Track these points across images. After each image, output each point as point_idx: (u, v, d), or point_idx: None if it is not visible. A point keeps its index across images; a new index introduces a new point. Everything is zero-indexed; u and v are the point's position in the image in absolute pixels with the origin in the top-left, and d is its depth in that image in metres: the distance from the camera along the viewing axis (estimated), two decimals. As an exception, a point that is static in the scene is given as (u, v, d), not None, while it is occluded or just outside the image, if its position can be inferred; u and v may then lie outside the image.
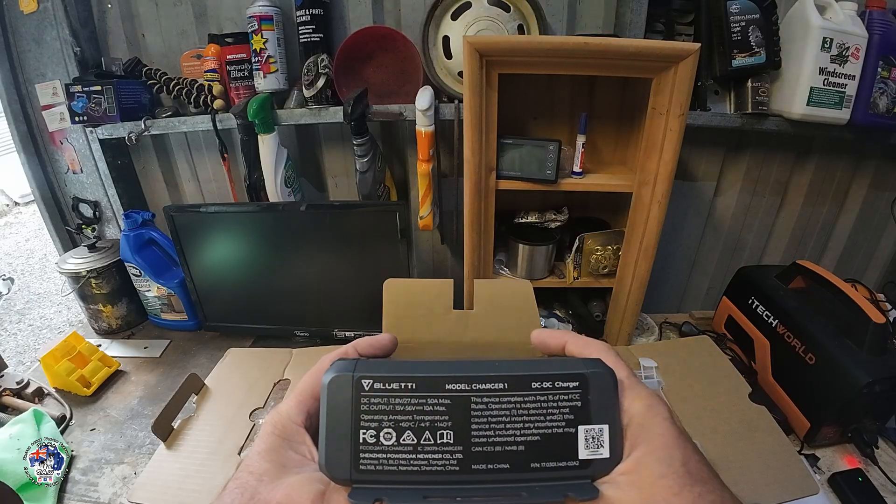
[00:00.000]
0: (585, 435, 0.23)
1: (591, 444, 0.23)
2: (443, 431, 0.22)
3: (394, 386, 0.23)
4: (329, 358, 0.28)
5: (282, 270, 0.96)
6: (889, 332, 0.71)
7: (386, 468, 0.22)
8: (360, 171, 0.92)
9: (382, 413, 0.23)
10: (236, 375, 0.85)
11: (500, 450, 0.22)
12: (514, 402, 0.23)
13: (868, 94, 0.83)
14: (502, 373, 0.23)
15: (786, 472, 0.65)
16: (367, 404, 0.23)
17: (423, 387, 0.23)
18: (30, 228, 3.69)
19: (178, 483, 0.65)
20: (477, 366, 0.24)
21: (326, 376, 0.24)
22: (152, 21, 0.98)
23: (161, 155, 1.11)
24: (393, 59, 0.92)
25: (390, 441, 0.22)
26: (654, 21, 0.87)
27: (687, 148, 0.98)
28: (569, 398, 0.23)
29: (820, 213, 1.09)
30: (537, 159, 0.82)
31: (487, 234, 0.87)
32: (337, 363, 0.24)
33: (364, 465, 0.22)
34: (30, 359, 2.11)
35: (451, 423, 0.22)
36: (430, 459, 0.22)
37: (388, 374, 0.23)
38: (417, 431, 0.22)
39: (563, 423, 0.23)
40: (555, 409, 0.23)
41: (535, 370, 0.23)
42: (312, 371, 0.28)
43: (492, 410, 0.23)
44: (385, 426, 0.22)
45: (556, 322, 0.98)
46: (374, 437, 0.22)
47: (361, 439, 0.22)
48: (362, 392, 0.23)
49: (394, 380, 0.23)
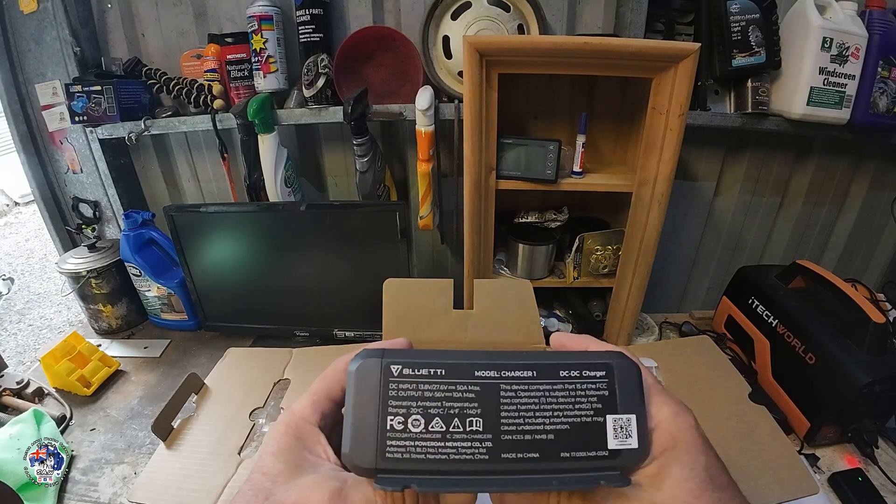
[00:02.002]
0: (614, 424, 0.22)
1: (620, 434, 0.22)
2: (472, 419, 0.22)
3: (423, 372, 0.22)
4: (344, 360, 0.28)
5: (282, 270, 0.96)
6: (889, 332, 0.71)
7: (413, 456, 0.21)
8: (360, 170, 0.92)
9: (411, 399, 0.22)
10: (236, 375, 0.85)
11: (529, 438, 0.22)
12: (542, 389, 0.23)
13: (868, 93, 0.83)
14: (531, 361, 0.23)
15: (786, 471, 0.65)
16: (395, 390, 0.22)
17: (452, 373, 0.22)
18: (30, 228, 3.69)
19: (178, 483, 0.65)
20: (504, 355, 0.23)
21: (353, 364, 0.23)
22: (152, 21, 0.98)
23: (161, 155, 1.11)
24: (393, 59, 0.92)
25: (419, 428, 0.22)
26: (654, 21, 0.87)
27: (687, 148, 0.98)
28: (596, 387, 0.23)
29: (820, 213, 1.09)
30: (537, 159, 0.82)
31: (487, 234, 0.87)
32: (362, 352, 0.24)
33: (391, 453, 0.21)
34: (30, 359, 2.11)
35: (481, 410, 0.22)
36: (459, 448, 0.22)
37: (417, 360, 0.23)
38: (446, 418, 0.22)
39: (591, 412, 0.23)
40: (583, 398, 0.23)
41: (561, 359, 0.23)
42: (328, 372, 0.28)
43: (521, 398, 0.22)
44: (413, 413, 0.22)
45: (556, 322, 0.98)
46: (402, 424, 0.22)
47: (389, 426, 0.22)
48: (391, 378, 0.22)
49: (423, 366, 0.22)
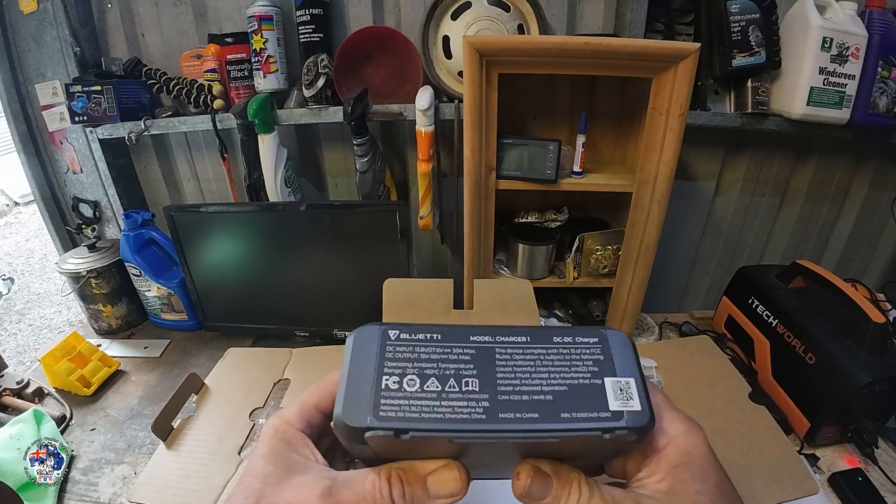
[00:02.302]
0: (612, 386, 0.23)
1: (621, 396, 0.22)
2: (468, 379, 0.22)
3: (419, 336, 0.23)
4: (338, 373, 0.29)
5: (282, 270, 0.96)
6: (889, 332, 0.70)
7: (408, 415, 0.21)
8: (360, 170, 0.92)
9: (407, 361, 0.23)
10: (236, 375, 0.85)
11: (527, 399, 0.22)
12: (537, 353, 0.23)
13: (868, 93, 0.83)
14: (525, 329, 0.24)
15: (786, 471, 0.65)
16: (391, 352, 0.23)
17: (448, 337, 0.23)
18: (30, 228, 3.70)
19: (178, 483, 0.65)
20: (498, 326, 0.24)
21: (352, 333, 0.24)
22: (152, 21, 0.98)
23: (161, 155, 1.11)
24: (393, 59, 0.92)
25: (413, 387, 0.22)
26: (654, 21, 0.87)
27: (687, 148, 0.98)
28: (590, 352, 0.24)
29: (820, 213, 1.09)
30: (537, 159, 0.82)
31: (487, 234, 0.87)
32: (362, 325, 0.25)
33: (384, 412, 0.21)
34: (30, 359, 2.11)
35: (477, 371, 0.23)
36: (455, 407, 0.22)
37: (415, 326, 0.24)
38: (442, 379, 0.22)
39: (588, 374, 0.23)
40: (578, 362, 0.23)
41: (554, 329, 0.25)
42: (320, 383, 0.29)
43: (516, 361, 0.23)
44: (409, 373, 0.22)
45: (556, 322, 0.98)
46: (397, 384, 0.22)
47: (383, 385, 0.22)
48: (388, 341, 0.23)
49: (420, 331, 0.23)
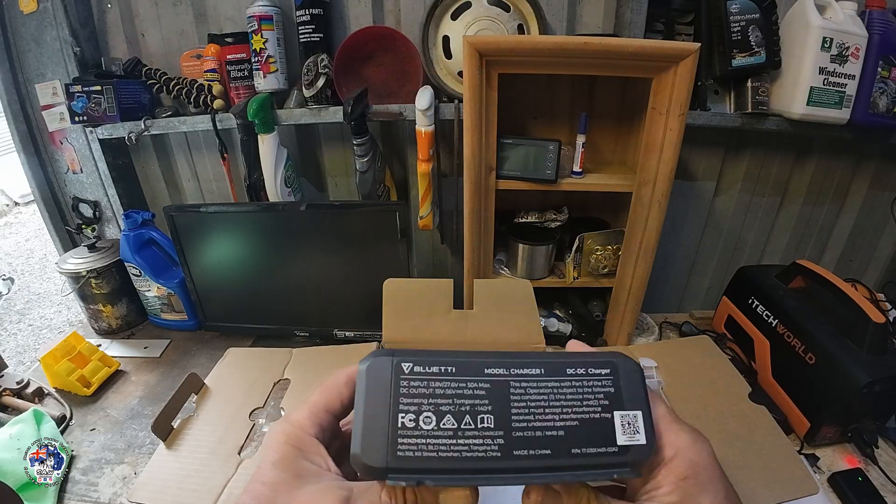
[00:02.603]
0: (621, 420, 0.23)
1: (628, 430, 0.23)
2: (483, 416, 0.22)
3: (433, 369, 0.22)
4: (345, 373, 0.28)
5: (282, 270, 0.96)
6: (889, 332, 0.71)
7: (425, 454, 0.21)
8: (360, 170, 0.92)
9: (422, 397, 0.22)
10: (236, 375, 0.85)
11: (540, 435, 0.22)
12: (551, 386, 0.23)
13: (868, 93, 0.83)
14: (538, 359, 0.23)
15: (786, 471, 0.65)
16: (406, 388, 0.22)
17: (463, 370, 0.23)
18: (30, 228, 3.69)
19: (178, 483, 0.65)
20: (511, 354, 0.24)
21: (363, 363, 0.23)
22: (152, 21, 0.98)
23: (161, 155, 1.11)
24: (393, 59, 0.92)
25: (430, 425, 0.21)
26: (654, 21, 0.87)
27: (687, 148, 0.98)
28: (602, 384, 0.24)
29: (820, 213, 1.09)
30: (537, 159, 0.82)
31: (487, 234, 0.87)
32: (371, 353, 0.24)
33: (402, 452, 0.21)
34: (30, 359, 2.11)
35: (492, 407, 0.22)
36: (471, 445, 0.21)
37: (428, 358, 0.23)
38: (458, 416, 0.22)
39: (599, 408, 0.23)
40: (590, 395, 0.23)
41: (567, 358, 0.24)
42: (327, 384, 0.28)
43: (531, 395, 0.23)
44: (425, 410, 0.22)
45: (556, 322, 0.98)
46: (414, 422, 0.21)
47: (400, 424, 0.21)
48: (401, 375, 0.22)
49: (434, 363, 0.22)
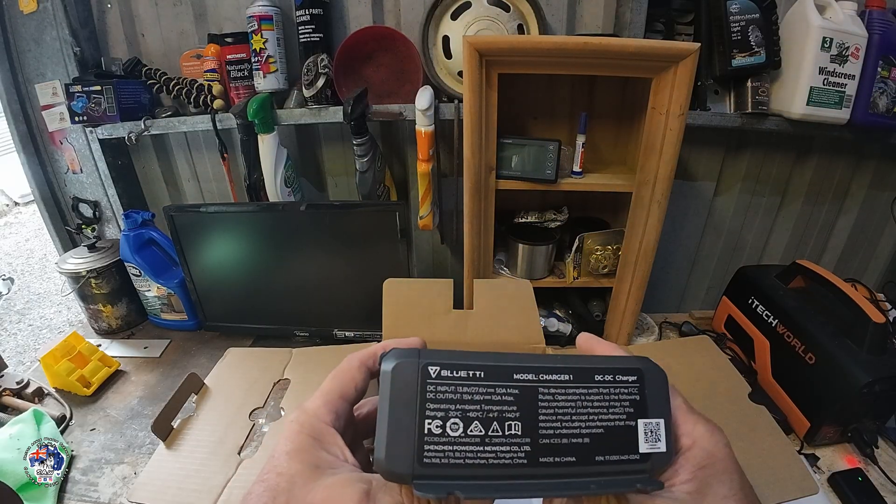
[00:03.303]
0: (644, 428, 0.23)
1: (650, 438, 0.23)
2: (511, 423, 0.21)
3: (461, 374, 0.21)
4: (358, 358, 0.27)
5: (282, 270, 0.96)
6: (889, 332, 0.71)
7: (452, 461, 0.20)
8: (359, 170, 0.92)
9: (449, 402, 0.21)
10: (236, 375, 0.85)
11: (566, 442, 0.22)
12: (578, 393, 0.23)
13: (868, 93, 0.83)
14: (567, 364, 0.23)
15: (785, 471, 0.64)
16: (433, 393, 0.21)
17: (491, 375, 0.22)
18: (30, 228, 3.69)
19: (178, 483, 0.65)
20: (538, 358, 0.23)
21: (388, 363, 0.22)
22: (152, 21, 0.98)
23: (161, 155, 1.11)
24: (393, 59, 0.92)
25: (457, 432, 0.21)
26: (653, 21, 0.87)
27: (687, 148, 0.98)
28: (628, 391, 0.23)
29: (820, 213, 1.09)
30: (537, 159, 0.82)
31: (487, 234, 0.87)
32: (395, 351, 0.22)
33: (429, 458, 0.20)
34: (30, 359, 2.11)
35: (519, 414, 0.22)
36: (498, 452, 0.21)
37: (455, 361, 0.22)
38: (485, 422, 0.21)
39: (623, 416, 0.23)
40: (616, 402, 0.23)
41: (594, 363, 0.24)
42: (340, 370, 0.27)
43: (558, 402, 0.22)
44: (452, 416, 0.21)
45: (556, 322, 0.98)
46: (441, 428, 0.21)
47: (426, 430, 0.21)
48: (428, 380, 0.21)
49: (461, 367, 0.22)
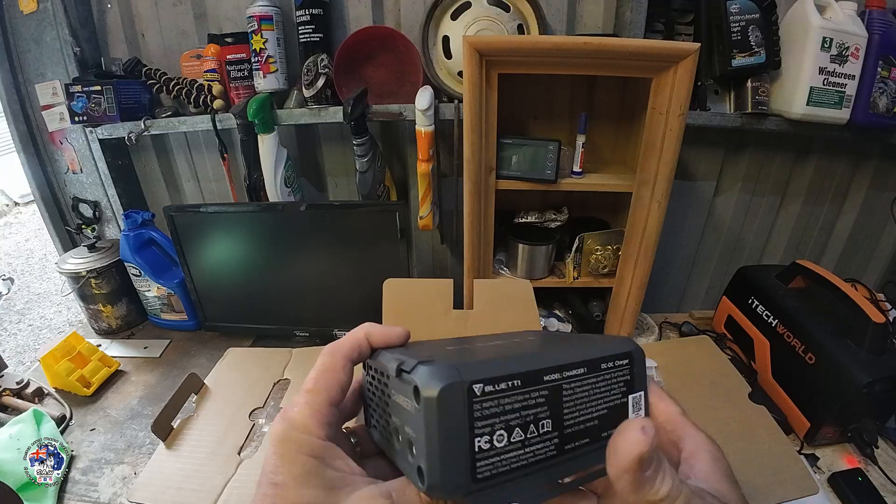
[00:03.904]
0: (632, 402, 0.26)
1: (636, 408, 0.26)
2: (543, 421, 0.23)
3: (501, 386, 0.22)
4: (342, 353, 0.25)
5: (282, 270, 0.96)
6: (889, 332, 0.71)
7: (500, 470, 0.21)
8: (359, 170, 0.92)
9: (494, 416, 0.21)
10: (236, 375, 0.85)
11: (583, 427, 0.24)
12: (590, 382, 0.25)
13: (868, 93, 0.83)
14: (579, 358, 0.25)
15: (786, 471, 0.65)
16: (479, 411, 0.21)
17: (526, 382, 0.23)
18: (30, 228, 3.69)
19: (178, 483, 0.65)
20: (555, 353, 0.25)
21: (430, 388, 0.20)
22: (152, 21, 0.98)
23: (161, 155, 1.11)
24: (393, 59, 0.92)
25: (502, 443, 0.21)
26: (653, 21, 0.87)
27: (687, 148, 0.98)
28: (623, 373, 0.26)
29: (820, 213, 1.09)
30: (537, 159, 0.82)
31: (487, 234, 0.87)
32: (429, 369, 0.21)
33: (480, 474, 0.21)
34: (30, 359, 2.11)
35: (549, 412, 0.23)
36: (535, 451, 0.22)
37: (496, 374, 0.22)
38: (524, 427, 0.22)
39: (619, 395, 0.26)
40: (615, 384, 0.26)
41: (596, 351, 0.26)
42: (323, 372, 0.25)
43: (577, 394, 0.24)
44: (497, 429, 0.21)
45: (556, 322, 0.98)
46: (489, 443, 0.21)
47: (477, 447, 0.21)
48: (474, 399, 0.21)
49: (501, 379, 0.22)
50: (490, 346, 0.30)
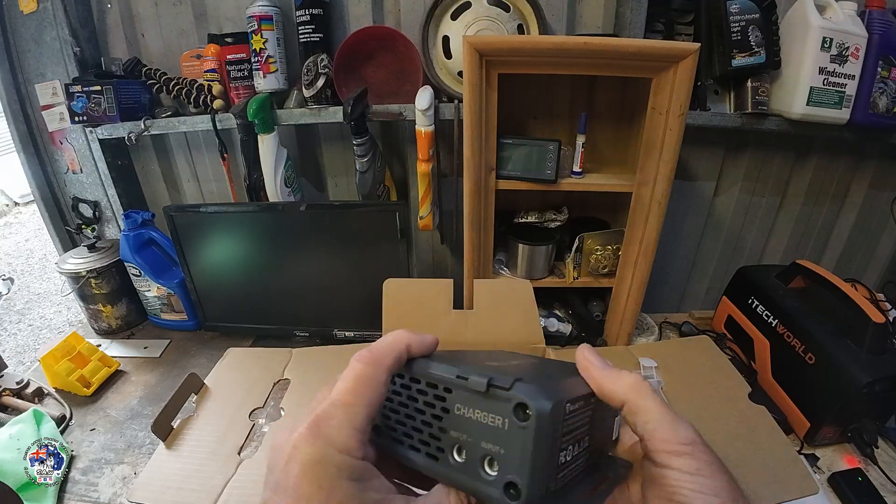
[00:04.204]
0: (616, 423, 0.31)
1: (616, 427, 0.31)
2: (586, 437, 0.25)
3: (577, 405, 0.24)
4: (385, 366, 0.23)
5: (282, 270, 0.96)
6: (889, 332, 0.71)
7: (566, 481, 0.23)
8: (359, 170, 0.92)
9: (571, 432, 0.23)
10: (236, 375, 0.85)
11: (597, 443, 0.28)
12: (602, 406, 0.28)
13: (868, 93, 0.83)
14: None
15: (785, 471, 0.64)
16: (566, 427, 0.23)
17: (587, 404, 0.26)
18: (30, 228, 3.69)
19: (178, 483, 0.65)
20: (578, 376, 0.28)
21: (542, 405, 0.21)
22: (152, 21, 0.98)
23: (161, 155, 1.11)
24: (393, 59, 0.92)
25: (568, 458, 0.23)
26: (653, 21, 0.87)
27: (687, 148, 0.98)
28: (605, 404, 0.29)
29: (820, 213, 1.09)
30: (537, 159, 0.82)
31: (487, 234, 0.87)
32: (533, 387, 0.21)
33: (557, 485, 0.23)
34: (30, 359, 2.11)
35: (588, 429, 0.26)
36: (581, 463, 0.25)
37: (575, 395, 0.24)
38: (580, 441, 0.24)
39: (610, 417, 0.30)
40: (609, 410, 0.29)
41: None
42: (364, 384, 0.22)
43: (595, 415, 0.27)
44: (568, 445, 0.23)
45: (556, 322, 0.98)
46: (565, 457, 0.23)
47: (559, 462, 0.22)
48: (565, 416, 0.23)
49: (577, 400, 0.24)
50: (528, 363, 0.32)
